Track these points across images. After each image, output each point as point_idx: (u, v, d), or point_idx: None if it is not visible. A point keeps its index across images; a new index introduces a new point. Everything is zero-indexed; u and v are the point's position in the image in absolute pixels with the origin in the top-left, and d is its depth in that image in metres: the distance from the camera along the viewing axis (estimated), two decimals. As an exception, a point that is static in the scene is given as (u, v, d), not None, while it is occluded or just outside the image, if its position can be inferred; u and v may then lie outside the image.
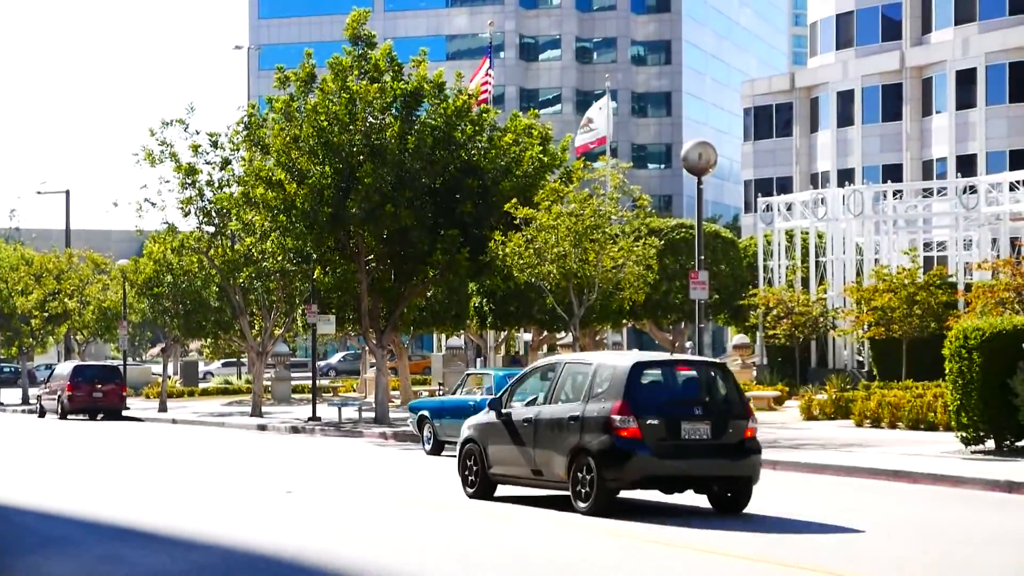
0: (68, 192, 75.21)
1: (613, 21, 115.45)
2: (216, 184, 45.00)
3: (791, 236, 52.77)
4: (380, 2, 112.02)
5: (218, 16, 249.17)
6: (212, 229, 46.64)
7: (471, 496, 18.97)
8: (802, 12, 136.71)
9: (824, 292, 49.24)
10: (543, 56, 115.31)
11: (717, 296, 51.95)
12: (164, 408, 53.82)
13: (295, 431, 39.16)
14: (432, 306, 52.44)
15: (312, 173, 37.05)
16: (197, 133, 45.12)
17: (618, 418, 16.54)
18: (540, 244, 33.81)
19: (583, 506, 16.86)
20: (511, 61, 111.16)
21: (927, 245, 56.22)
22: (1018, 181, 48.05)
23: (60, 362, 65.84)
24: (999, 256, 44.16)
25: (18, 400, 67.76)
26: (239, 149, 43.41)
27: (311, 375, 44.87)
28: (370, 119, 37.55)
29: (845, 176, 72.87)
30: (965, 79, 71.07)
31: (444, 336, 64.05)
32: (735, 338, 57.12)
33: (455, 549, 14.27)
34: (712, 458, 16.80)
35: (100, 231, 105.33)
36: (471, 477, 19.13)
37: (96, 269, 68.02)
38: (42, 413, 54.55)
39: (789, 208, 52.31)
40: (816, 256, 51.13)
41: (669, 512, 17.48)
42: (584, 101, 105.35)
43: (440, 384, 55.77)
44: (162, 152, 44.84)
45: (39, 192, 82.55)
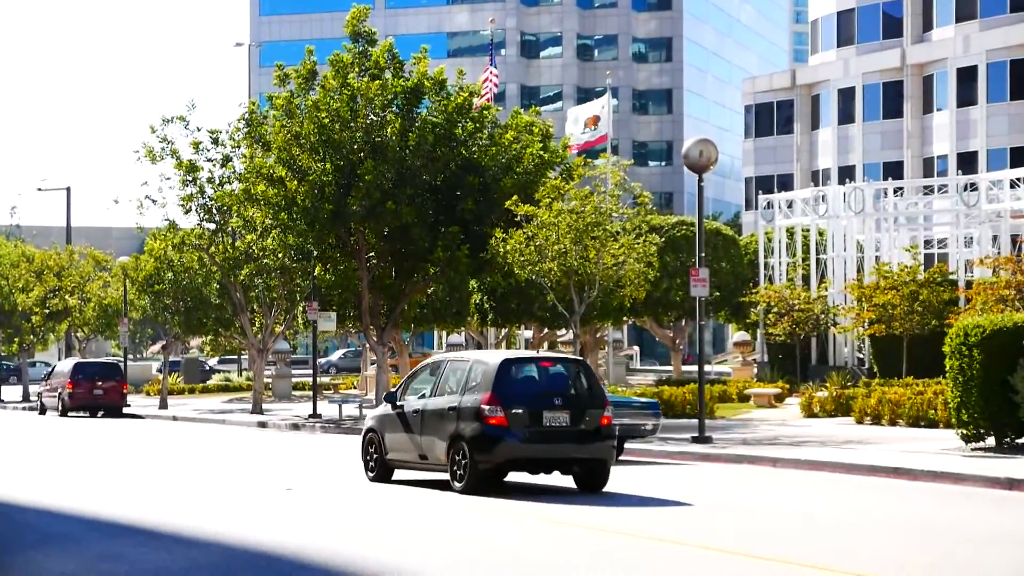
0: (69, 189, 75.18)
1: (614, 18, 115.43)
2: (217, 181, 45.02)
3: (792, 233, 52.74)
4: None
5: (219, 13, 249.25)
6: (213, 226, 46.66)
7: (372, 480, 21.04)
8: (803, 9, 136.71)
9: (825, 290, 49.23)
10: (544, 53, 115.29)
11: (718, 293, 51.96)
12: (164, 405, 53.85)
13: (296, 428, 39.17)
14: (433, 303, 52.45)
15: (313, 170, 37.06)
16: (198, 130, 45.18)
17: (487, 408, 18.73)
18: (541, 241, 33.80)
19: (459, 486, 19.03)
20: (512, 58, 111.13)
21: (928, 242, 56.22)
22: (1019, 178, 48.02)
23: (61, 359, 65.82)
24: (1000, 253, 44.14)
25: (19, 397, 67.80)
26: (240, 146, 43.43)
27: (312, 372, 44.89)
28: (371, 116, 37.57)
29: (846, 173, 72.84)
30: (966, 76, 71.06)
31: (445, 333, 64.08)
32: (736, 335, 57.13)
33: (458, 548, 14.28)
34: (571, 443, 19.00)
35: (101, 228, 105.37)
36: (371, 463, 21.24)
37: (97, 266, 68.03)
38: (43, 410, 54.58)
39: (790, 205, 52.29)
40: (817, 253, 51.11)
41: (537, 491, 19.59)
42: (585, 98, 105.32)
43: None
44: (163, 149, 44.87)
45: (40, 189, 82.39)
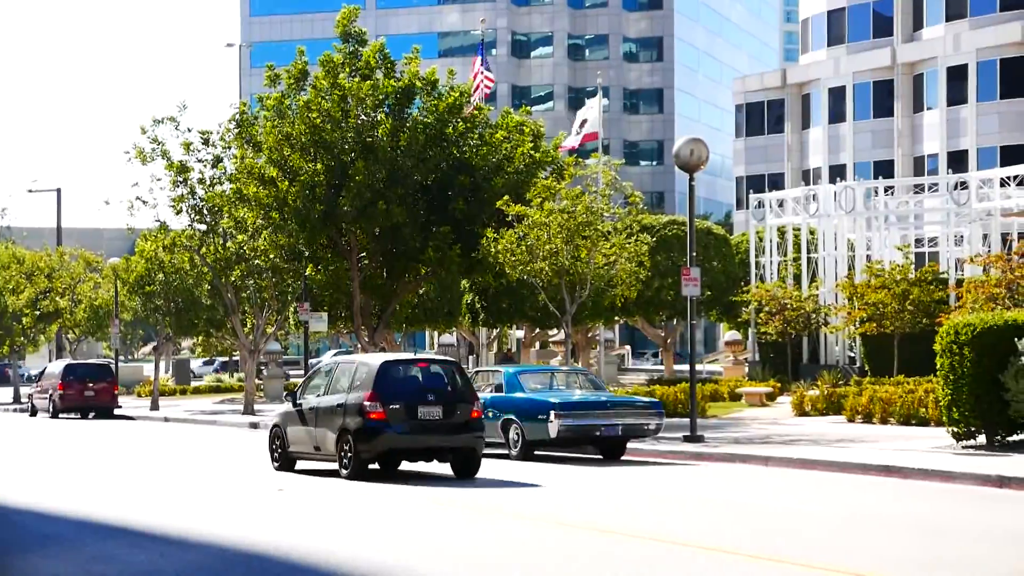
0: (59, 190, 75.12)
1: (605, 18, 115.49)
2: (208, 182, 44.94)
3: (783, 232, 52.79)
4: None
5: (210, 14, 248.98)
6: (204, 227, 46.58)
7: (276, 469, 23.50)
8: (794, 8, 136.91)
9: (816, 289, 49.28)
10: (535, 53, 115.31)
11: (709, 292, 52.01)
12: (156, 406, 53.77)
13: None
14: (424, 303, 52.47)
15: (304, 170, 37.03)
16: (189, 131, 45.08)
17: (368, 404, 21.23)
18: (532, 241, 33.80)
19: (345, 473, 21.66)
20: (503, 58, 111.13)
21: (918, 241, 56.32)
22: (1009, 177, 48.11)
23: (52, 361, 65.72)
24: (990, 252, 44.20)
25: (9, 399, 67.68)
26: (231, 147, 43.36)
27: (303, 373, 44.80)
28: (362, 116, 37.54)
29: (837, 172, 72.94)
30: (956, 75, 71.19)
31: (437, 333, 64.07)
32: (727, 334, 57.18)
33: (446, 545, 14.30)
34: (443, 434, 21.51)
35: (92, 229, 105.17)
36: (276, 454, 23.79)
37: (88, 267, 67.95)
38: (33, 412, 54.48)
39: (781, 204, 52.35)
40: (808, 252, 51.17)
41: (419, 477, 22.13)
42: (576, 98, 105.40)
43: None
44: (153, 150, 44.78)
45: (30, 190, 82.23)
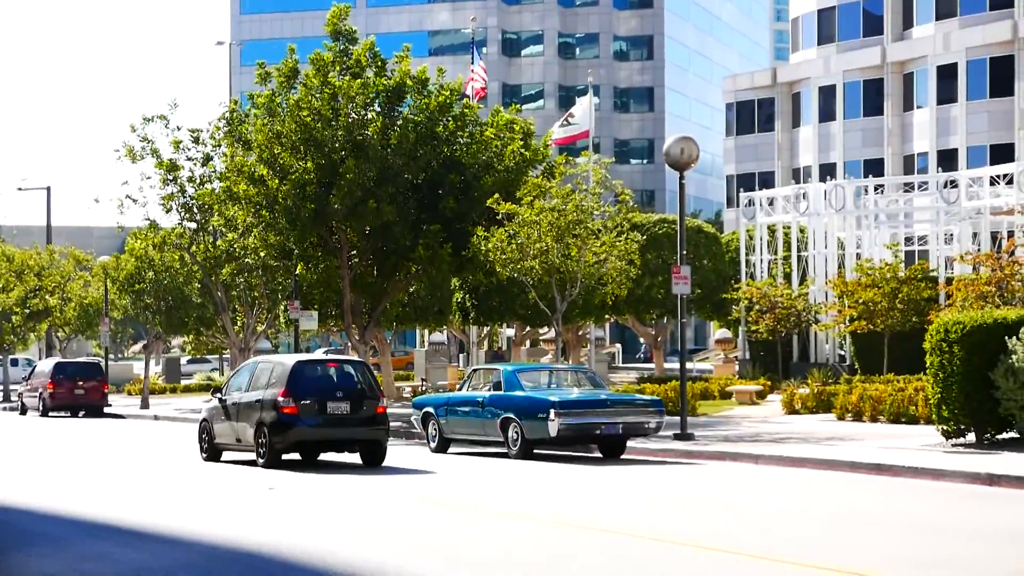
0: (49, 188, 74.94)
1: (596, 16, 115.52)
2: (198, 180, 44.91)
3: (773, 231, 52.83)
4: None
5: (200, 12, 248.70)
6: (194, 225, 46.53)
7: (205, 460, 25.73)
8: (784, 7, 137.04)
9: (806, 287, 49.33)
10: (525, 52, 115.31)
11: (699, 291, 52.03)
12: (146, 405, 53.70)
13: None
14: (415, 301, 52.44)
15: (294, 169, 37.01)
16: (178, 129, 45.05)
17: (282, 400, 23.59)
18: (522, 239, 33.80)
19: (261, 461, 23.96)
20: (493, 57, 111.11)
21: (908, 239, 56.38)
22: (998, 176, 48.20)
23: (41, 359, 65.59)
24: (980, 250, 44.29)
25: (-1, 397, 67.58)
26: (221, 145, 43.32)
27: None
28: (352, 115, 37.52)
29: (827, 171, 73.02)
30: (946, 74, 71.29)
31: (427, 331, 64.05)
32: (717, 333, 57.23)
33: (430, 539, 14.30)
34: (351, 427, 23.97)
35: (82, 227, 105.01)
36: (204, 446, 26.07)
37: (78, 266, 67.83)
38: (23, 410, 54.39)
39: (771, 203, 52.39)
40: (798, 251, 51.22)
41: (328, 465, 24.57)
42: (566, 96, 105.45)
43: (423, 380, 55.72)
44: (143, 148, 44.74)
45: (20, 188, 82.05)
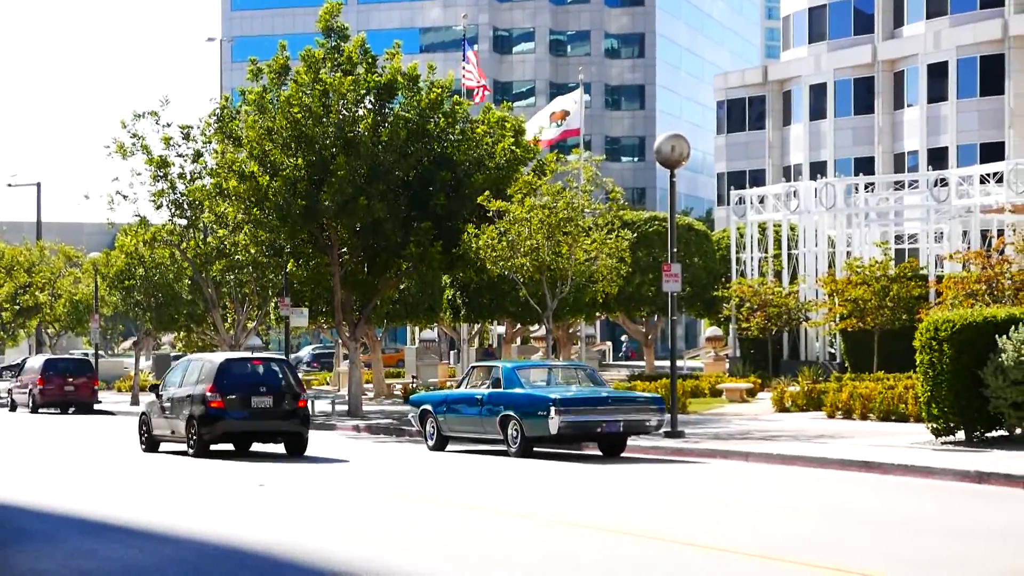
0: (39, 185, 74.70)
1: (587, 14, 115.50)
2: (188, 177, 44.85)
3: (764, 229, 52.88)
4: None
5: (191, 8, 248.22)
6: (184, 222, 46.46)
7: (144, 451, 28.11)
8: (775, 5, 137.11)
9: (797, 285, 49.38)
10: (517, 49, 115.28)
11: (690, 288, 52.06)
12: (136, 401, 53.60)
13: (268, 424, 39.01)
14: (405, 298, 52.40)
15: (285, 165, 36.96)
16: (168, 126, 44.99)
17: (210, 395, 25.85)
18: (513, 237, 33.81)
19: (192, 452, 26.34)
20: (485, 54, 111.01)
21: (899, 238, 56.44)
22: (988, 174, 48.27)
23: (31, 356, 65.45)
24: (970, 248, 44.36)
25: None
26: (211, 141, 43.26)
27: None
28: (343, 112, 37.47)
29: (817, 169, 73.07)
30: (936, 72, 71.39)
31: (417, 329, 64.04)
32: (708, 330, 57.25)
33: (431, 541, 14.29)
34: (273, 420, 26.28)
35: (72, 224, 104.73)
36: (143, 438, 28.44)
37: (68, 262, 67.72)
38: (13, 407, 54.28)
39: (762, 201, 52.43)
40: (789, 249, 51.27)
41: (255, 455, 27.03)
42: (558, 94, 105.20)
43: (414, 377, 55.70)
44: (134, 145, 44.67)
45: (10, 185, 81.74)
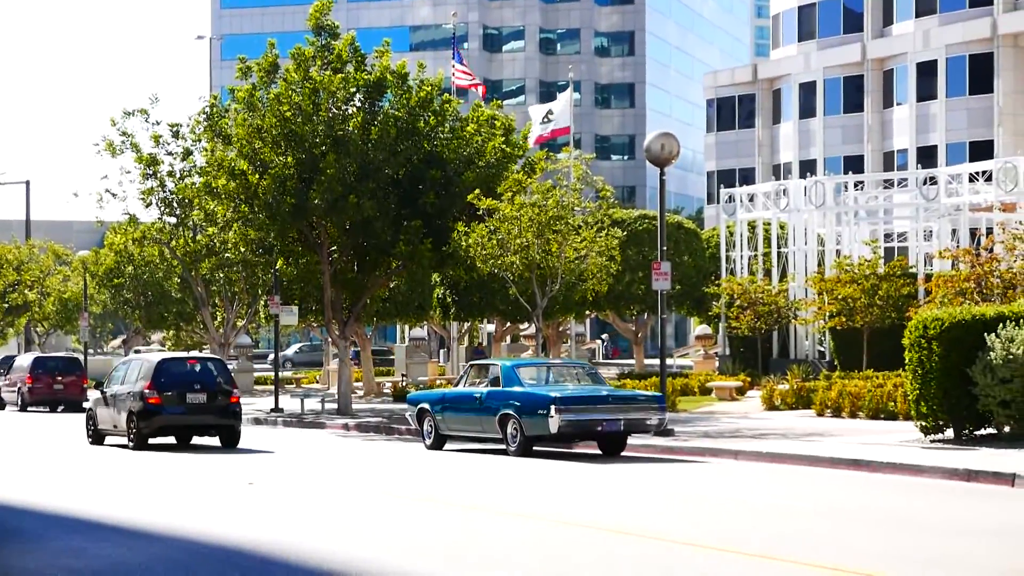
0: (28, 183, 74.56)
1: (577, 12, 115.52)
2: (177, 175, 44.81)
3: (753, 227, 52.90)
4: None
5: (181, 6, 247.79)
6: (174, 220, 46.44)
7: (90, 444, 29.95)
8: (765, 4, 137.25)
9: (786, 283, 49.42)
10: (507, 47, 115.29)
11: (680, 287, 52.08)
12: (126, 400, 53.51)
13: (257, 423, 39.02)
14: (395, 297, 52.36)
15: (274, 163, 36.92)
16: (158, 123, 44.97)
17: (147, 391, 28.06)
18: (503, 235, 33.81)
19: (131, 444, 28.54)
20: (474, 52, 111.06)
21: (888, 236, 56.52)
22: (977, 172, 48.35)
23: (20, 354, 65.32)
24: (959, 247, 44.43)
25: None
26: (201, 140, 43.22)
27: (274, 366, 44.69)
28: (333, 110, 37.44)
29: (807, 167, 73.16)
30: (926, 71, 71.51)
31: (407, 327, 63.98)
32: (698, 329, 57.31)
33: (411, 535, 14.29)
34: (207, 415, 28.54)
35: (61, 222, 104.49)
36: (90, 432, 30.40)
37: (57, 260, 67.64)
38: (2, 405, 54.18)
39: (751, 199, 52.46)
40: (778, 247, 51.31)
41: (191, 447, 29.09)
42: (548, 92, 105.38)
43: (404, 375, 55.67)
44: (123, 142, 44.65)
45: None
